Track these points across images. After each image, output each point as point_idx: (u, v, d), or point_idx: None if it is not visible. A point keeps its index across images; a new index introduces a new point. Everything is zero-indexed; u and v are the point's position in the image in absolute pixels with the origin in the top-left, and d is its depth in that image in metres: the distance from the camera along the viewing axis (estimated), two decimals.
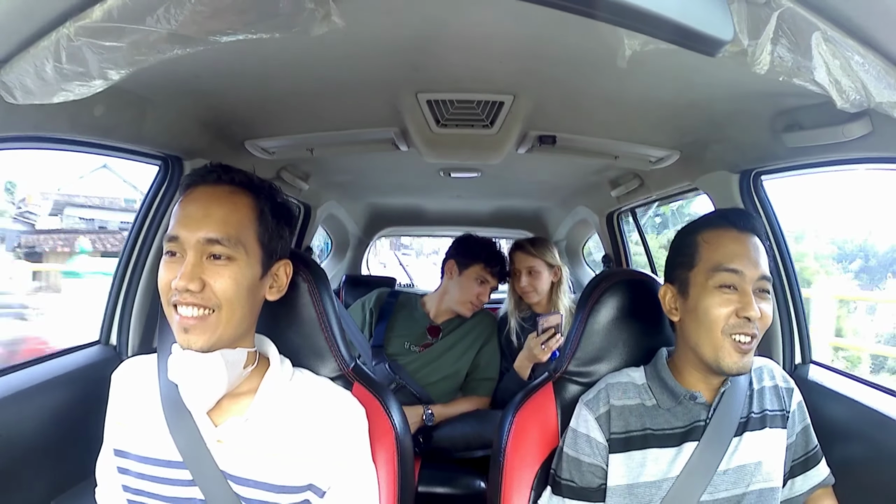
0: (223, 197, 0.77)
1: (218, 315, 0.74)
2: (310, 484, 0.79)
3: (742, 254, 0.85)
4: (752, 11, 0.60)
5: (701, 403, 0.89)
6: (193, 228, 0.73)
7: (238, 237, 0.75)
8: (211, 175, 0.78)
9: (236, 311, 0.75)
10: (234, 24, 0.62)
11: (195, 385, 0.75)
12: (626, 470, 0.87)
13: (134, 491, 0.78)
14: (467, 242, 1.85)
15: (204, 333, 0.73)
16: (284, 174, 1.82)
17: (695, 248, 0.88)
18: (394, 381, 1.68)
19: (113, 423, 0.82)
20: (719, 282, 0.84)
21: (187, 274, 0.72)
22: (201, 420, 0.78)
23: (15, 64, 0.67)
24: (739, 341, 0.83)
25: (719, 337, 0.84)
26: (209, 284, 0.73)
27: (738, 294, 0.84)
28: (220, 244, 0.74)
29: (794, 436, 0.93)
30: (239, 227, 0.75)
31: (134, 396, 0.82)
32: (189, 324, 0.73)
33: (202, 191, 0.77)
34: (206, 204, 0.75)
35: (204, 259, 0.73)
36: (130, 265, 1.33)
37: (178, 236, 0.74)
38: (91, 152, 1.12)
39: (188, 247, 0.73)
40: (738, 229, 0.87)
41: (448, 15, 0.82)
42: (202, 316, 0.73)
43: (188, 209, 0.75)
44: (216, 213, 0.75)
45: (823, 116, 0.95)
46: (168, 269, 0.74)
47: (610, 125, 1.34)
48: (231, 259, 0.74)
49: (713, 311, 0.84)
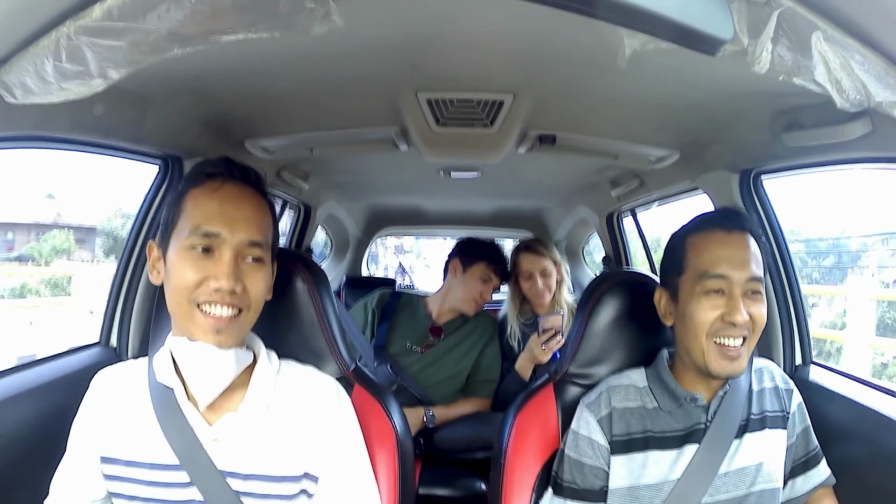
0: (254, 199, 0.78)
1: (246, 315, 0.75)
2: (305, 472, 0.79)
3: (728, 257, 0.84)
4: (752, 11, 0.60)
5: (701, 405, 0.88)
6: (234, 228, 0.73)
7: (269, 241, 0.78)
8: (234, 171, 0.78)
9: (258, 311, 0.77)
10: (234, 24, 0.62)
11: (205, 378, 0.75)
12: (628, 472, 0.87)
13: (128, 497, 0.78)
14: (471, 242, 1.87)
15: (234, 333, 0.75)
16: (284, 174, 1.82)
17: (683, 252, 0.88)
18: (395, 383, 1.68)
19: (95, 429, 0.80)
20: (706, 288, 0.84)
21: (231, 275, 0.72)
22: (196, 420, 0.77)
23: (15, 63, 0.67)
24: (726, 345, 0.83)
25: (704, 342, 0.84)
26: (245, 286, 0.74)
27: (725, 298, 0.83)
28: (259, 247, 0.75)
29: (795, 437, 0.93)
30: (268, 231, 0.78)
31: (120, 402, 0.81)
32: (223, 324, 0.73)
33: (231, 188, 0.76)
34: (239, 204, 0.76)
35: (238, 260, 0.74)
36: (130, 266, 1.32)
37: (220, 233, 0.73)
38: (91, 152, 1.12)
39: (228, 246, 0.73)
40: (725, 230, 0.86)
41: (448, 14, 0.82)
42: (234, 316, 0.74)
43: (224, 206, 0.74)
44: (253, 216, 0.76)
45: (823, 116, 0.95)
46: (196, 267, 0.72)
47: (610, 125, 1.34)
48: (263, 262, 0.76)
49: (698, 317, 0.84)
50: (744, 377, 0.91)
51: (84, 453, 0.80)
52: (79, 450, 0.80)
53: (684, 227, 0.91)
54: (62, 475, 0.81)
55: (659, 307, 0.93)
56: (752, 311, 0.83)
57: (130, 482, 0.78)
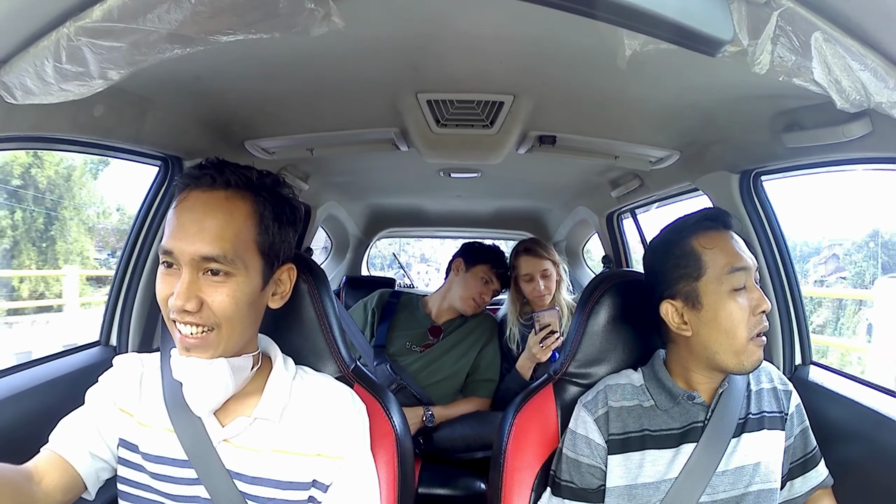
0: (218, 205, 0.71)
1: (218, 333, 0.71)
2: (314, 480, 0.79)
3: (739, 251, 0.85)
4: (752, 11, 0.60)
5: (699, 404, 0.88)
6: (187, 243, 0.69)
7: (235, 252, 0.70)
8: (205, 178, 0.72)
9: (236, 327, 0.72)
10: (234, 25, 0.62)
11: (200, 390, 0.75)
12: (625, 471, 0.87)
13: (134, 484, 0.78)
14: (476, 245, 1.90)
15: (206, 351, 0.72)
16: (284, 174, 1.79)
17: (696, 257, 0.85)
18: (395, 382, 1.68)
19: (117, 410, 0.80)
20: (734, 284, 0.83)
21: (183, 293, 0.68)
22: (208, 420, 0.77)
23: (15, 64, 0.67)
24: (760, 336, 0.84)
25: (744, 341, 0.83)
26: (207, 302, 0.70)
27: (748, 291, 0.84)
28: (215, 261, 0.69)
29: (793, 438, 0.93)
30: (236, 241, 0.71)
31: (138, 390, 0.81)
32: (190, 343, 0.71)
33: (196, 197, 0.72)
34: (200, 215, 0.70)
35: (200, 275, 0.70)
36: (130, 266, 1.33)
37: (172, 250, 0.70)
38: (91, 152, 1.12)
39: (183, 262, 0.70)
40: (725, 227, 0.88)
41: (448, 15, 0.82)
42: (202, 335, 0.71)
43: (181, 219, 0.71)
44: (211, 227, 0.70)
45: (823, 116, 0.95)
46: (165, 282, 0.72)
47: (610, 125, 1.34)
48: (229, 275, 0.71)
49: (737, 315, 0.83)
50: (742, 376, 0.91)
51: (104, 421, 0.79)
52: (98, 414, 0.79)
53: (681, 231, 0.88)
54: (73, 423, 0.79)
55: (671, 321, 0.87)
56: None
57: (139, 471, 0.78)
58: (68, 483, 0.74)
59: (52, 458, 0.75)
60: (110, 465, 0.79)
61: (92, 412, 0.79)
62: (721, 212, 0.91)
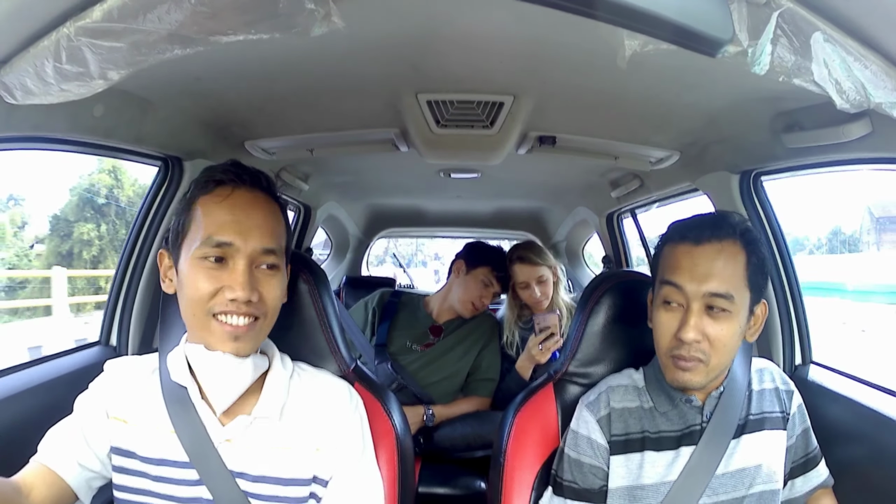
0: (265, 205, 0.77)
1: (262, 322, 0.76)
2: (314, 475, 0.79)
3: (688, 268, 0.80)
4: (752, 11, 0.60)
5: (696, 406, 0.88)
6: (247, 237, 0.73)
7: (281, 246, 0.78)
8: (244, 176, 0.76)
9: (275, 317, 0.78)
10: (234, 25, 0.62)
11: (223, 386, 0.76)
12: (626, 472, 0.87)
13: (134, 490, 0.78)
14: (479, 246, 1.89)
15: (251, 340, 0.75)
16: (284, 175, 1.82)
17: (657, 259, 0.88)
18: (395, 381, 1.68)
19: (107, 418, 0.79)
20: (663, 297, 0.83)
21: (246, 285, 0.72)
22: (209, 420, 0.78)
23: (15, 64, 0.67)
24: (678, 359, 0.81)
25: (664, 356, 0.84)
26: (261, 294, 0.74)
27: (681, 312, 0.80)
28: (274, 254, 0.75)
29: (794, 438, 0.93)
30: (281, 237, 0.78)
31: (132, 395, 0.81)
32: (241, 332, 0.73)
33: (241, 195, 0.75)
34: (251, 211, 0.75)
35: (252, 268, 0.74)
36: (130, 266, 1.33)
37: (233, 243, 0.73)
38: (91, 153, 1.12)
39: (241, 255, 0.73)
40: (691, 242, 0.81)
41: (448, 15, 0.82)
42: (251, 324, 0.74)
43: (236, 215, 0.74)
44: (266, 223, 0.75)
45: (823, 117, 0.95)
46: (210, 277, 0.72)
47: (610, 125, 1.34)
48: (278, 269, 0.77)
49: (658, 329, 0.84)
50: (742, 377, 0.91)
51: (93, 430, 0.79)
52: (86, 424, 0.79)
53: (669, 231, 0.88)
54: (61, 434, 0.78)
55: (648, 310, 0.91)
56: (709, 330, 0.79)
57: (139, 476, 0.78)
58: (58, 494, 0.75)
59: (41, 469, 0.75)
60: (101, 475, 0.79)
61: (80, 421, 0.79)
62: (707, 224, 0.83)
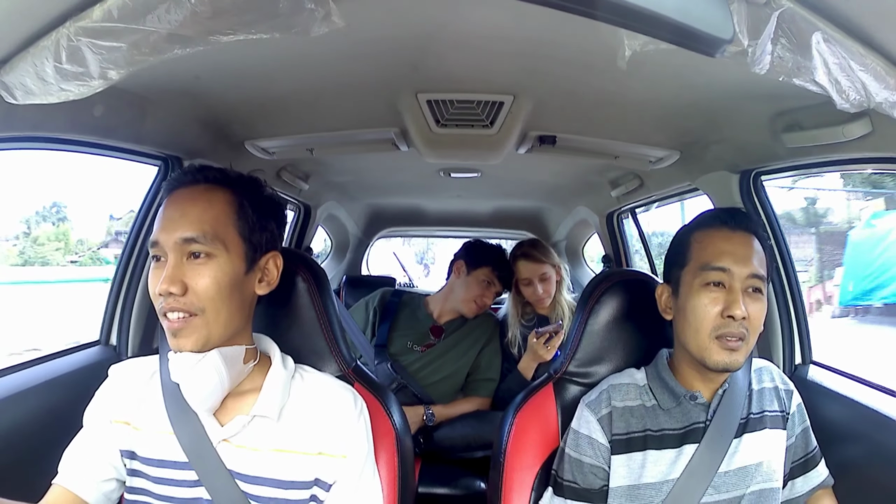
0: (198, 195, 0.77)
1: (203, 317, 0.73)
2: (316, 479, 0.79)
3: (730, 251, 0.85)
4: (752, 11, 0.60)
5: (701, 404, 0.89)
6: (171, 230, 0.74)
7: (215, 233, 0.74)
8: (186, 176, 0.78)
9: (221, 310, 0.74)
10: (234, 25, 0.62)
11: (196, 385, 0.75)
12: (628, 471, 0.87)
13: (135, 490, 0.78)
14: (479, 245, 1.88)
15: (191, 335, 0.73)
16: (284, 174, 1.82)
17: (687, 247, 0.89)
18: (395, 381, 1.68)
19: (115, 422, 0.80)
20: (706, 279, 0.84)
21: (168, 276, 0.71)
22: (207, 420, 0.77)
23: (15, 64, 0.67)
24: (726, 339, 0.83)
25: (706, 338, 0.84)
26: (191, 287, 0.72)
27: (725, 292, 0.84)
28: (196, 242, 0.73)
29: (794, 437, 0.93)
30: (215, 223, 0.75)
31: (135, 398, 0.81)
32: (176, 327, 0.72)
33: (179, 193, 0.77)
34: (181, 205, 0.76)
35: (184, 260, 0.73)
36: (130, 265, 1.33)
37: (158, 240, 0.74)
38: (91, 152, 1.12)
39: (168, 249, 0.73)
40: (729, 228, 0.87)
41: (448, 15, 0.82)
42: (185, 319, 0.73)
43: (166, 212, 0.76)
44: (191, 212, 0.75)
45: (823, 116, 0.95)
46: (155, 276, 0.74)
47: (610, 125, 1.34)
48: (210, 256, 0.74)
49: (700, 311, 0.84)
50: (742, 376, 0.91)
51: (101, 440, 0.80)
52: (95, 435, 0.80)
53: (690, 223, 0.92)
54: (75, 453, 0.80)
55: (660, 302, 0.93)
56: (750, 309, 0.83)
57: (140, 476, 0.78)
58: None
59: (62, 493, 0.77)
60: (118, 481, 0.80)
61: (90, 434, 0.81)
62: (737, 214, 0.90)
